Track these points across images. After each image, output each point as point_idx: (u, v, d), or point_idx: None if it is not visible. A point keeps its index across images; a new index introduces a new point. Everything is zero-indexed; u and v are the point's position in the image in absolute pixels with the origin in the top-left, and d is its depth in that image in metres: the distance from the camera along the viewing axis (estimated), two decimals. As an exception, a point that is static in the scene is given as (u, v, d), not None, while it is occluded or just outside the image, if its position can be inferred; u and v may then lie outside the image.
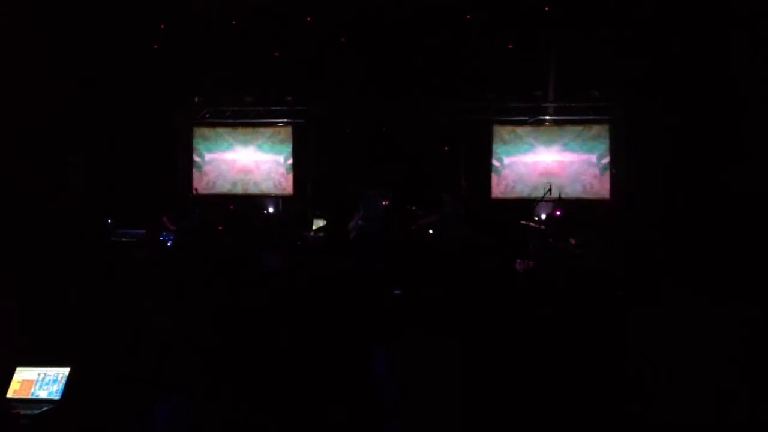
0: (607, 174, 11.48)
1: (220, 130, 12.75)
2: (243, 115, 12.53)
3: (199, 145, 12.78)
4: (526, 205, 11.01)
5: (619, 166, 11.41)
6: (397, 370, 2.75)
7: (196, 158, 12.77)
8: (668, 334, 3.23)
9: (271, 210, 12.50)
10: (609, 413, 2.91)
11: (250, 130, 12.68)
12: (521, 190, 11.77)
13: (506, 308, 3.72)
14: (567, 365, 3.04)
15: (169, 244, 8.94)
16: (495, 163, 11.88)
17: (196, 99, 12.56)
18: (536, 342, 3.18)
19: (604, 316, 3.72)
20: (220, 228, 10.31)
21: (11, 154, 8.82)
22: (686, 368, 2.93)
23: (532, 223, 9.66)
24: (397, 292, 3.70)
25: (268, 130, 12.64)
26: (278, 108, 12.39)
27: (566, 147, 11.67)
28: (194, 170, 12.72)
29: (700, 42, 8.81)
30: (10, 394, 3.13)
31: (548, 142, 11.74)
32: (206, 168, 12.75)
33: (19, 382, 3.16)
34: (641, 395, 2.90)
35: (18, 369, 3.19)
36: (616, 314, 3.67)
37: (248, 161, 12.68)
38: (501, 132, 11.90)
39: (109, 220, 9.84)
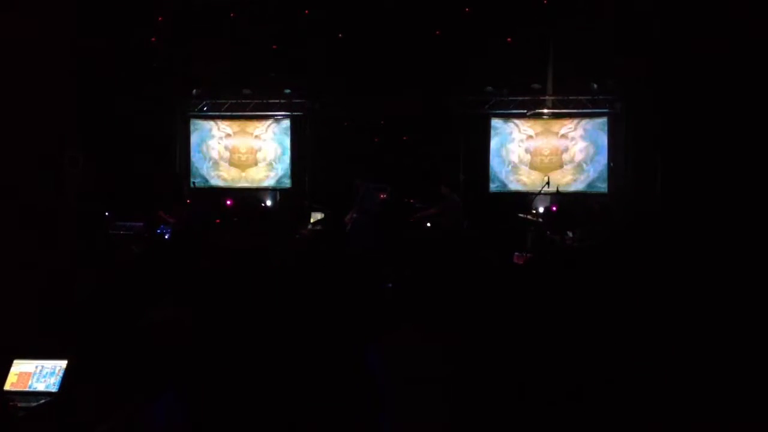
0: (605, 167, 11.49)
1: (218, 122, 12.74)
2: (241, 107, 12.52)
3: (196, 137, 12.77)
4: (524, 198, 11.02)
5: (616, 159, 11.42)
6: (390, 364, 2.76)
7: (193, 151, 12.76)
8: (664, 328, 3.24)
9: (269, 203, 12.51)
10: (605, 407, 2.93)
11: (248, 122, 12.67)
12: (519, 184, 11.78)
13: (503, 301, 3.73)
14: (562, 359, 3.05)
15: (166, 237, 8.93)
16: (493, 156, 11.88)
17: (194, 91, 12.55)
18: (532, 335, 3.19)
19: (601, 308, 3.73)
20: (217, 221, 10.31)
21: (8, 146, 8.79)
22: (682, 362, 2.95)
23: (530, 216, 9.68)
24: (389, 285, 3.71)
25: (266, 123, 12.64)
26: (276, 101, 12.38)
27: (564, 140, 11.67)
28: (192, 163, 12.71)
29: (699, 34, 8.79)
30: (7, 387, 3.13)
31: (546, 136, 11.74)
32: (204, 161, 12.75)
33: (16, 374, 3.16)
34: (638, 388, 2.91)
35: (15, 361, 3.18)
36: (612, 307, 3.68)
37: (246, 154, 12.68)
38: (499, 125, 11.90)
39: (107, 213, 9.82)
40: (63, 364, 3.16)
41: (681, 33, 9.15)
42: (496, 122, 11.89)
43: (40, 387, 3.11)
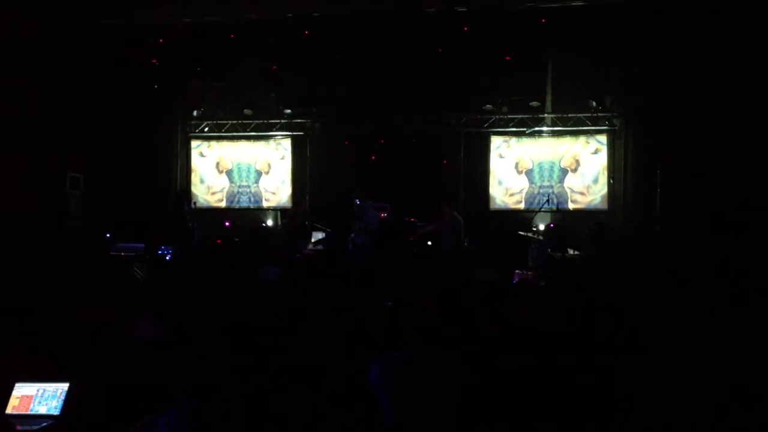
0: (605, 184, 11.51)
1: (219, 143, 12.79)
2: (242, 128, 12.59)
3: (197, 158, 12.82)
4: (524, 216, 11.03)
5: (616, 177, 11.44)
6: (392, 381, 2.76)
7: (194, 171, 12.81)
8: (667, 343, 3.24)
9: (269, 223, 12.51)
10: (608, 423, 2.92)
11: (248, 143, 12.73)
12: (519, 201, 11.80)
13: (503, 318, 3.73)
14: (563, 375, 3.04)
15: (168, 258, 8.93)
16: (493, 174, 11.91)
17: (195, 112, 12.62)
18: (533, 352, 3.19)
19: (602, 324, 3.72)
20: (218, 242, 10.31)
21: (12, 169, 8.84)
22: (686, 374, 2.94)
23: (530, 234, 9.68)
24: (390, 303, 3.72)
25: (267, 143, 12.69)
26: (277, 121, 12.45)
27: (564, 158, 11.71)
28: (192, 183, 12.75)
29: (698, 52, 8.85)
30: (9, 410, 3.12)
31: (546, 153, 11.78)
32: (204, 181, 12.79)
33: (18, 397, 3.15)
34: (639, 402, 2.90)
35: (17, 385, 3.18)
36: (614, 322, 3.68)
37: (247, 174, 12.72)
38: (499, 143, 11.94)
39: (108, 234, 9.83)
40: (65, 387, 3.15)
41: (680, 49, 9.22)
42: (495, 140, 11.94)
43: (42, 410, 3.10)
